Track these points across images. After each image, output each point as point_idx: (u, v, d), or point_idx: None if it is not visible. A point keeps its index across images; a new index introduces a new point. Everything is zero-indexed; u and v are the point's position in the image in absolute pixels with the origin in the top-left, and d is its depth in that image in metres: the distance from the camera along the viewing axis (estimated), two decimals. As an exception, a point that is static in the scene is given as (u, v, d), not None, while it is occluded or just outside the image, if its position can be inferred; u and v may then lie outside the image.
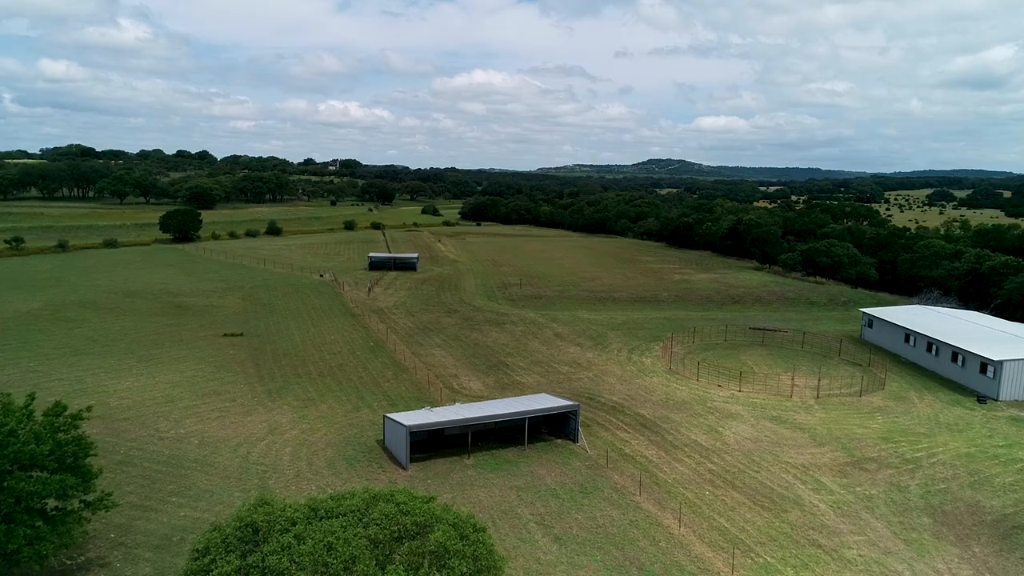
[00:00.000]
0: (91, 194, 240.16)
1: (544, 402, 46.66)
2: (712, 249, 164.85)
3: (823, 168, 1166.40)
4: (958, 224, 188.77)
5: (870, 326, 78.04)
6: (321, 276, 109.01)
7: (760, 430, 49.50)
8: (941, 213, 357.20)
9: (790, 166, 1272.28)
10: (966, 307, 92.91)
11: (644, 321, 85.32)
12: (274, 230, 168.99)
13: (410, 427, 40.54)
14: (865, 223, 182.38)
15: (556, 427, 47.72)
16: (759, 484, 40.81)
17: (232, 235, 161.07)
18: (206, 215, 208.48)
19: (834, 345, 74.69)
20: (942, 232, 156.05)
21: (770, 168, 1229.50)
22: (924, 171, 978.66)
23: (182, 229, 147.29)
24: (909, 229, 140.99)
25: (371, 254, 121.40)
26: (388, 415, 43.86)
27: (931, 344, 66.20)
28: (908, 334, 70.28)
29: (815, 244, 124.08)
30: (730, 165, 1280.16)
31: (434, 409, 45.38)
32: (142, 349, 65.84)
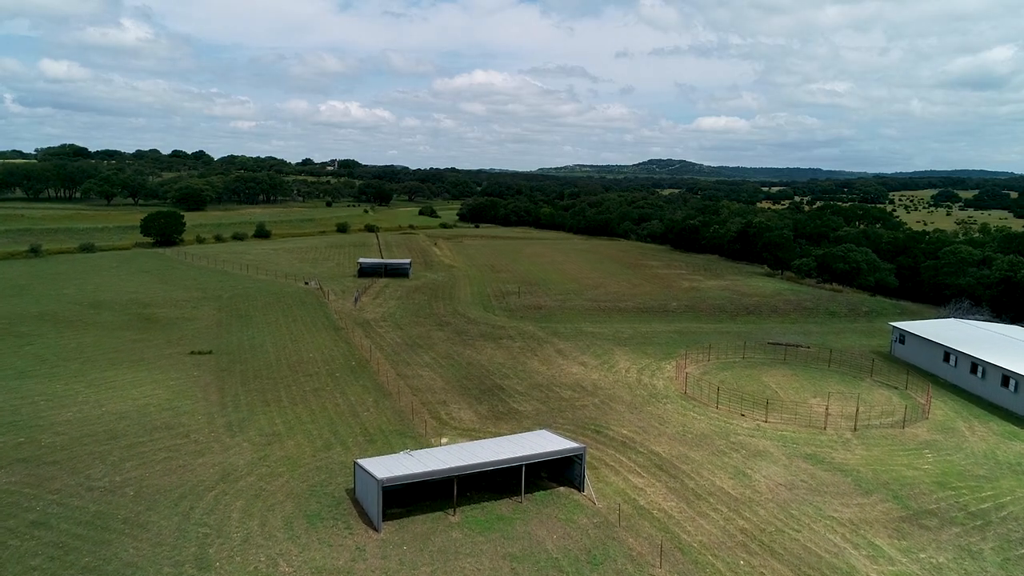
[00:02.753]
0: (77, 195, 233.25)
1: (544, 443, 39.77)
2: (719, 253, 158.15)
3: (824, 168, 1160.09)
4: (976, 227, 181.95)
5: (902, 342, 71.18)
6: (306, 284, 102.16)
7: (795, 473, 42.62)
8: (948, 214, 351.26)
9: (791, 166, 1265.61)
10: (999, 318, 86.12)
11: (653, 335, 78.46)
12: (262, 233, 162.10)
13: (383, 481, 33.67)
14: (878, 226, 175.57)
15: (558, 471, 40.88)
16: (802, 549, 33.91)
17: (218, 238, 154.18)
18: (195, 217, 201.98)
19: (863, 363, 67.84)
20: (960, 236, 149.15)
21: (771, 168, 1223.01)
22: (925, 171, 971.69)
23: (164, 232, 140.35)
24: (928, 232, 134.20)
25: (361, 259, 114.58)
26: (359, 462, 36.99)
27: (976, 365, 59.32)
28: (948, 352, 63.39)
29: (831, 249, 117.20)
30: (731, 165, 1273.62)
31: (414, 453, 38.49)
32: (95, 371, 58.94)
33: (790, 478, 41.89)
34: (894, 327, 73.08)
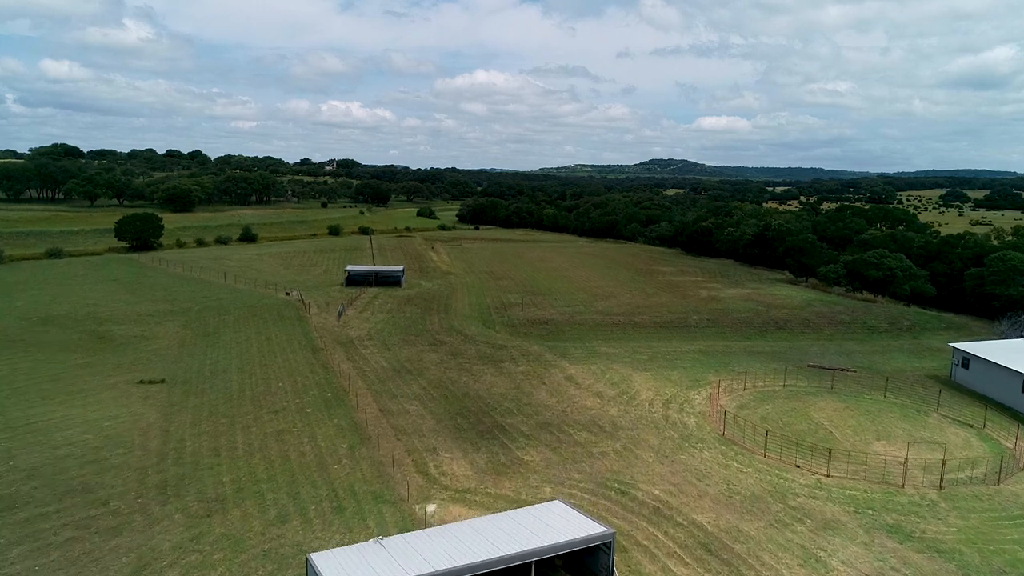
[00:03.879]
0: (60, 196, 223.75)
1: (560, 525, 30.28)
2: (734, 257, 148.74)
3: (826, 168, 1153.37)
4: (993, 228, 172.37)
5: (965, 366, 61.69)
6: (287, 294, 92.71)
7: (881, 556, 33.11)
8: (961, 215, 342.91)
9: (792, 166, 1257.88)
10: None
11: (675, 356, 68.95)
12: (248, 236, 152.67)
13: (339, 599, 24.21)
14: (901, 227, 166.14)
15: (578, 558, 31.44)
16: None
17: (200, 242, 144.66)
18: (181, 219, 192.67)
19: (924, 393, 58.34)
20: (993, 239, 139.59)
21: (773, 168, 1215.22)
22: (927, 171, 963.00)
23: (140, 236, 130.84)
24: (964, 236, 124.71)
25: (349, 267, 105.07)
26: (312, 557, 27.53)
27: (1069, 400, 49.77)
28: (1029, 383, 53.84)
29: (862, 255, 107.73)
30: (732, 165, 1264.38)
31: (387, 541, 29.00)
32: (19, 408, 49.49)
33: (877, 564, 32.39)
34: (955, 349, 63.50)
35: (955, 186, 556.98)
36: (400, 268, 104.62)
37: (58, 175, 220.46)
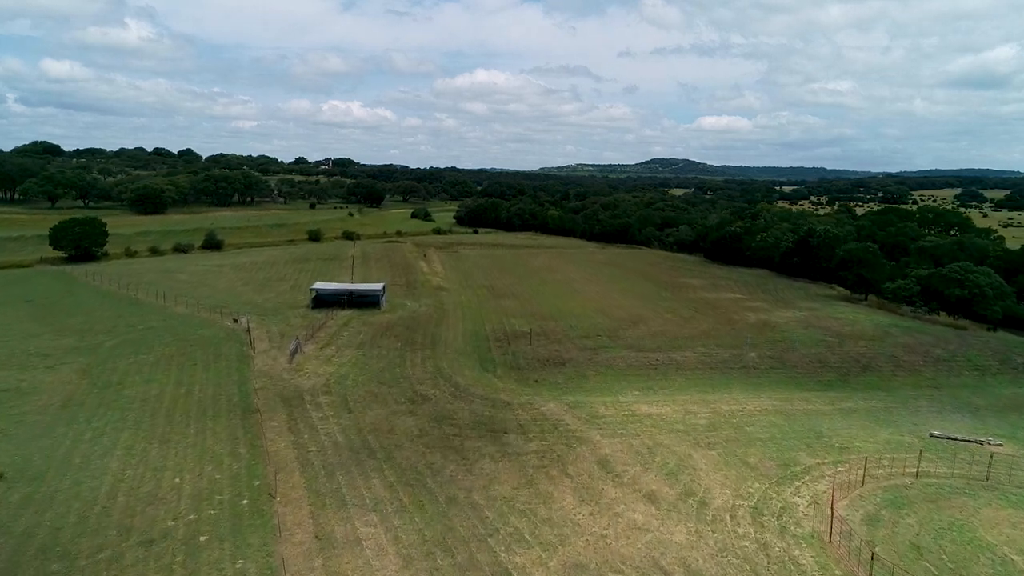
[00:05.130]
0: (18, 196, 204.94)
1: None
2: (768, 267, 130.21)
3: (828, 168, 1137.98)
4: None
5: None
6: (235, 321, 73.99)
7: None
8: (984, 216, 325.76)
9: (794, 165, 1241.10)
10: None
11: (743, 419, 50.28)
12: (212, 243, 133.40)
13: None
14: (953, 232, 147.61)
15: None
16: None
17: (154, 251, 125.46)
18: (146, 222, 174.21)
19: (1125, 488, 39.75)
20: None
21: (774, 168, 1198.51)
22: (929, 170, 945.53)
23: (80, 244, 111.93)
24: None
25: (317, 285, 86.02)
26: None
27: None
28: None
29: (940, 270, 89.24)
30: (734, 164, 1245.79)
31: None
32: None
33: None
34: None
35: (965, 185, 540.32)
36: (380, 286, 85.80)
37: (15, 173, 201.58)
